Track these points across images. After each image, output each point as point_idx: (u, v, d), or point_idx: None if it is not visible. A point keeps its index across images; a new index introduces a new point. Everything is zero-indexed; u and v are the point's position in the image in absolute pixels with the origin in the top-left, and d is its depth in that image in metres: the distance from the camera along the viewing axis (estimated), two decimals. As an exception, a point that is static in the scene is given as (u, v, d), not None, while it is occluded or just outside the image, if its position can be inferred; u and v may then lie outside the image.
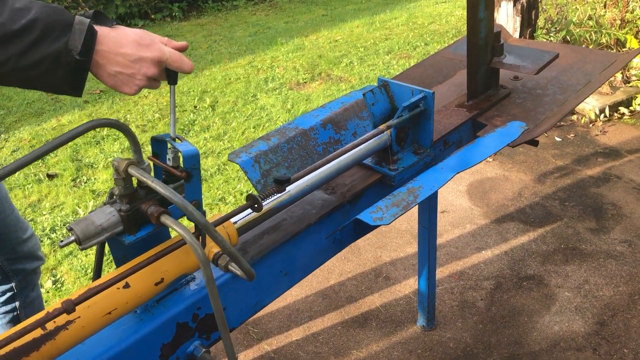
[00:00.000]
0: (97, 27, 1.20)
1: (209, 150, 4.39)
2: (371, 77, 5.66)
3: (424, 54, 6.22)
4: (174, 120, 1.30)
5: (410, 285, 2.88)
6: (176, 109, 5.19)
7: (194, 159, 1.26)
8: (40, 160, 4.43)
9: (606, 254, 2.98)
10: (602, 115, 4.30)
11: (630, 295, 2.71)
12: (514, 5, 4.28)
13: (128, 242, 1.29)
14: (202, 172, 4.07)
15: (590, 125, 4.28)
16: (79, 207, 3.74)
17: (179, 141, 1.31)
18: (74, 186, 4.05)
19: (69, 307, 1.06)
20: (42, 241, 3.45)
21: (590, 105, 4.32)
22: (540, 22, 5.05)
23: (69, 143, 4.49)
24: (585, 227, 3.20)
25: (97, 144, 4.64)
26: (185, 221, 3.34)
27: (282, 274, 1.69)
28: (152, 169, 1.36)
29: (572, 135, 4.17)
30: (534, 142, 2.10)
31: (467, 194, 3.58)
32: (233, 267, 1.29)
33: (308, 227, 1.69)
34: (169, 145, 1.30)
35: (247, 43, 7.16)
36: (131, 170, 1.24)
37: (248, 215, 1.59)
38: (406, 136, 1.86)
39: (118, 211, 1.29)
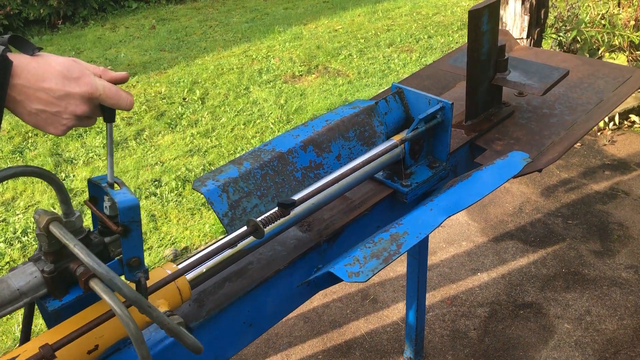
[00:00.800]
0: (13, 56, 0.98)
1: (195, 148, 4.17)
2: (370, 72, 5.41)
3: (427, 47, 5.96)
4: (112, 163, 1.09)
5: (399, 309, 2.68)
6: (164, 100, 4.97)
7: (132, 211, 1.05)
8: (18, 154, 4.23)
9: (610, 280, 2.78)
10: (612, 123, 4.07)
11: (635, 329, 2.51)
12: (522, 3, 4.02)
13: (51, 309, 1.09)
14: (186, 172, 3.86)
15: (599, 133, 4.06)
16: (54, 207, 3.54)
17: (117, 187, 1.10)
18: (50, 183, 3.84)
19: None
20: (11, 245, 3.26)
21: (599, 112, 4.08)
22: (550, 19, 4.80)
23: (50, 135, 4.27)
24: (588, 249, 2.99)
25: (79, 137, 4.43)
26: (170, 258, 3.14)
27: (247, 325, 1.49)
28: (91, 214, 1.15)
29: (578, 144, 3.94)
30: (538, 169, 1.88)
31: (465, 206, 3.37)
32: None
33: (277, 272, 1.49)
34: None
35: (244, 30, 6.89)
36: (52, 228, 1.03)
37: (211, 259, 1.39)
38: (421, 149, 1.70)
39: (41, 272, 1.09)
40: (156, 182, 3.78)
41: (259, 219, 1.32)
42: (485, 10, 1.85)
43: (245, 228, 1.35)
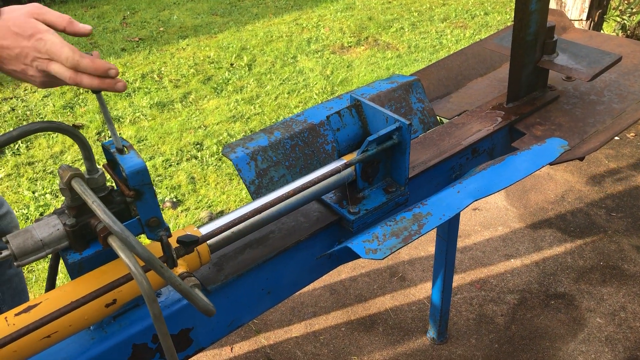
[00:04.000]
0: None
1: (239, 114, 4.20)
2: (421, 46, 5.30)
3: (482, 24, 5.78)
4: (113, 129, 1.10)
5: (426, 289, 2.67)
6: (212, 65, 5.01)
7: (140, 175, 1.07)
8: (69, 109, 4.36)
9: (650, 278, 2.68)
10: (670, 114, 3.86)
11: (671, 330, 2.43)
12: (585, -18, 3.82)
13: (71, 261, 1.13)
14: (228, 137, 3.91)
15: (655, 124, 3.87)
16: (99, 164, 3.64)
17: (127, 151, 1.11)
18: (97, 140, 3.96)
19: None
20: (57, 197, 3.39)
21: (658, 102, 3.88)
22: (615, 1, 4.56)
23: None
24: (631, 243, 2.88)
25: (127, 96, 4.52)
26: (188, 218, 3.20)
27: (265, 292, 1.51)
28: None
29: (632, 134, 3.77)
30: (578, 158, 1.81)
31: (505, 191, 3.29)
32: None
33: (297, 243, 1.50)
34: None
35: (296, -2, 6.84)
36: (74, 184, 1.06)
37: (232, 219, 1.39)
38: (375, 171, 1.51)
39: (64, 225, 1.12)
40: (198, 146, 3.84)
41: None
42: (535, -12, 1.76)
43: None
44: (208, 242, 1.32)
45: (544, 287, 2.66)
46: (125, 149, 1.08)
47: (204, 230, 1.30)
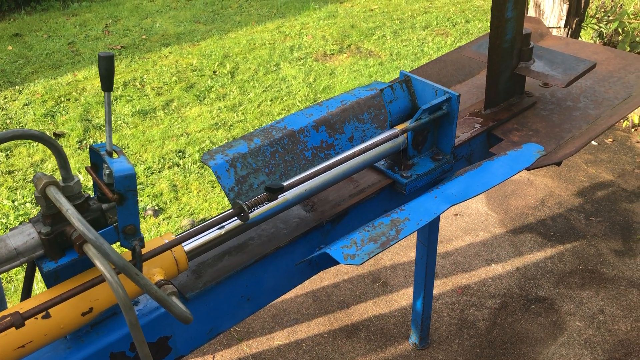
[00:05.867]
0: None
1: (221, 122, 4.19)
2: (402, 54, 5.34)
3: (463, 32, 5.84)
4: (110, 131, 1.10)
5: (408, 295, 2.68)
6: (195, 72, 5.00)
7: (128, 180, 1.07)
8: (50, 118, 4.32)
9: (629, 281, 2.71)
10: (647, 120, 3.94)
11: (649, 332, 2.46)
12: (562, -10, 3.89)
13: (46, 270, 1.12)
14: (210, 145, 3.90)
15: (633, 130, 3.93)
16: (80, 172, 3.62)
17: (116, 155, 1.11)
18: (78, 148, 3.93)
19: None
20: (37, 206, 3.35)
21: (635, 108, 3.95)
22: (592, 9, 4.63)
23: (82, 101, 4.36)
24: (609, 247, 2.92)
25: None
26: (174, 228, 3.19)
27: (244, 299, 1.51)
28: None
29: (610, 139, 3.83)
30: (555, 163, 1.84)
31: (485, 196, 3.32)
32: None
33: (277, 249, 1.50)
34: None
35: (279, 5, 6.85)
36: (49, 192, 1.06)
37: (211, 232, 1.41)
38: (424, 140, 1.66)
39: (39, 233, 1.11)
40: (180, 153, 3.83)
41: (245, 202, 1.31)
42: (511, -4, 1.79)
43: (231, 210, 1.35)
44: (186, 248, 1.32)
45: (524, 292, 2.68)
46: (116, 153, 1.08)
47: (182, 238, 1.30)
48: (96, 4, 7.07)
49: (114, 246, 1.19)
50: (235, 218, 1.37)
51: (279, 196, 1.40)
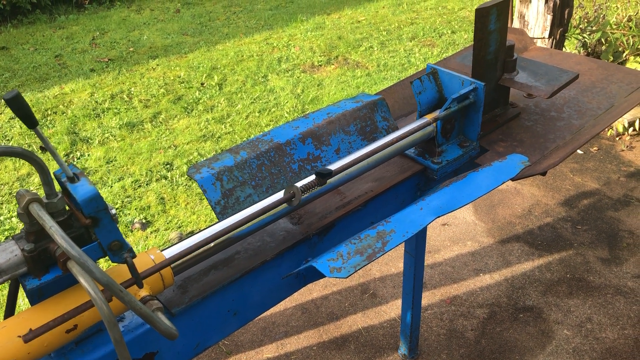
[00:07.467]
0: None
1: (209, 134, 4.19)
2: (390, 65, 5.37)
3: (450, 42, 5.89)
4: (59, 158, 1.08)
5: (397, 306, 2.68)
6: (182, 85, 5.00)
7: (94, 202, 1.06)
8: (36, 131, 4.29)
9: (615, 289, 2.73)
10: (631, 129, 3.98)
11: (636, 340, 2.47)
12: (546, 2, 3.94)
13: (30, 287, 1.11)
14: (198, 157, 3.89)
15: (617, 138, 3.97)
16: (67, 186, 3.59)
17: (77, 180, 1.10)
18: (65, 161, 3.90)
19: None
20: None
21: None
22: (576, 20, 4.70)
23: (69, 114, 4.34)
24: (596, 255, 2.94)
25: (96, 117, 4.48)
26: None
27: (231, 313, 1.50)
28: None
29: (595, 148, 3.87)
30: (540, 173, 1.86)
31: (473, 205, 3.34)
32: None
33: (264, 263, 1.50)
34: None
35: (267, 17, 6.88)
36: (32, 209, 1.05)
37: (197, 242, 1.40)
38: (452, 128, 1.78)
39: (22, 250, 1.11)
40: (168, 166, 3.82)
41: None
42: (493, 9, 1.82)
43: (281, 195, 1.39)
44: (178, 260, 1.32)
45: (512, 301, 2.69)
46: (76, 178, 1.07)
47: (168, 253, 1.29)
48: (83, 17, 7.06)
49: (101, 261, 1.18)
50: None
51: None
